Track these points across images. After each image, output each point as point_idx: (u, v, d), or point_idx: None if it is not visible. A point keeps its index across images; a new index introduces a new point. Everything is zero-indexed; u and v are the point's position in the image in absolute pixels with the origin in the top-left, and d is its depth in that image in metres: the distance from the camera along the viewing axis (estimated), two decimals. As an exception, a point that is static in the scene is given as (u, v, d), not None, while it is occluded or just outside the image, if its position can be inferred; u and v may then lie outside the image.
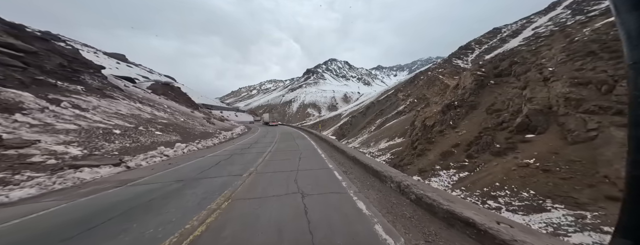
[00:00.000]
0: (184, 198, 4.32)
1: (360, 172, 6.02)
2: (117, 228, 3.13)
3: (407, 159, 17.93)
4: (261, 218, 3.26)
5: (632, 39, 0.64)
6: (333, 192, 4.44)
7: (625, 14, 0.64)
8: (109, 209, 3.87)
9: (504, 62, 17.24)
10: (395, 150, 26.10)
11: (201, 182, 5.47)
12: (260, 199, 4.08)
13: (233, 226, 3.03)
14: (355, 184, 4.94)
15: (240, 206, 3.77)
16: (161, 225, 3.12)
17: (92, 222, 3.36)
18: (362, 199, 3.97)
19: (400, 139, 31.67)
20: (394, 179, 4.38)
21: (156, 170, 7.05)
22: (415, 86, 51.04)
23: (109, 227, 3.18)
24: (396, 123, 38.06)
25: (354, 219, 3.14)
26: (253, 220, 3.20)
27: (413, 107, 37.34)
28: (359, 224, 3.01)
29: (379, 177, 5.03)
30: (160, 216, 3.46)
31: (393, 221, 3.07)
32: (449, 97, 19.75)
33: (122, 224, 3.24)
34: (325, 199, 4.03)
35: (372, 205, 3.67)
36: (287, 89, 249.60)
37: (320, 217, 3.19)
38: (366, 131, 52.88)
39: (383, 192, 4.28)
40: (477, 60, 42.16)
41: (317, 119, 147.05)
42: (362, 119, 66.08)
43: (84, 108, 13.73)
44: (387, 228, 2.86)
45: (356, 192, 4.33)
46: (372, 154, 30.97)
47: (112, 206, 4.03)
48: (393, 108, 48.88)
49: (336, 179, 5.46)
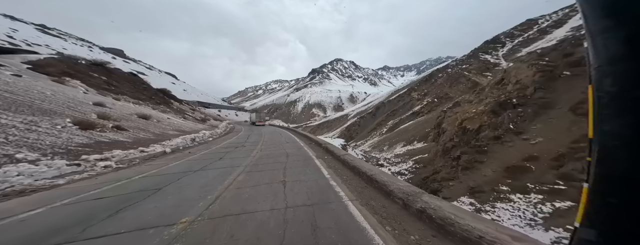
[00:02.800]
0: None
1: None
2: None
3: (445, 171, 14.00)
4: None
5: (596, 44, 0.70)
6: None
7: (591, 21, 0.71)
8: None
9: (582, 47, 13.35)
10: (418, 158, 22.13)
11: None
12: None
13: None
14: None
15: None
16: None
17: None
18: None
19: (421, 143, 27.67)
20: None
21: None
22: (432, 85, 46.80)
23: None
24: (413, 125, 34.04)
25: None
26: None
27: (433, 107, 33.27)
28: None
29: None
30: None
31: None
32: (495, 95, 15.75)
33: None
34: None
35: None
36: (292, 89, 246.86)
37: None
38: (376, 133, 48.89)
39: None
40: (513, 54, 37.77)
41: (322, 119, 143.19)
42: (371, 120, 62.07)
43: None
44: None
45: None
46: (388, 160, 27.02)
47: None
48: (407, 108, 44.81)
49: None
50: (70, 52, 57.73)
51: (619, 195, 0.67)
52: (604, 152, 0.72)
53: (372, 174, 4.26)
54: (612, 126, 0.69)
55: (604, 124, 0.71)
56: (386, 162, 26.59)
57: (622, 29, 0.63)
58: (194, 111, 41.77)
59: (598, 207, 0.73)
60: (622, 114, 0.67)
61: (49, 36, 73.37)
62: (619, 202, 0.67)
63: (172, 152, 8.60)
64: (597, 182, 0.73)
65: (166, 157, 7.91)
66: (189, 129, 19.30)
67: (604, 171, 0.72)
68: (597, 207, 0.73)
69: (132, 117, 14.97)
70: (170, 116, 24.23)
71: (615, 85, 0.67)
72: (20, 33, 57.61)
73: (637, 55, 0.62)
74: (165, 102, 31.43)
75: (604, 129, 0.71)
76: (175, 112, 28.86)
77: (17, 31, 58.80)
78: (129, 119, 13.89)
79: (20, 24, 71.25)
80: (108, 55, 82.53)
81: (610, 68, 0.68)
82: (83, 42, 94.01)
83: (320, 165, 6.08)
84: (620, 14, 0.64)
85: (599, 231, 0.71)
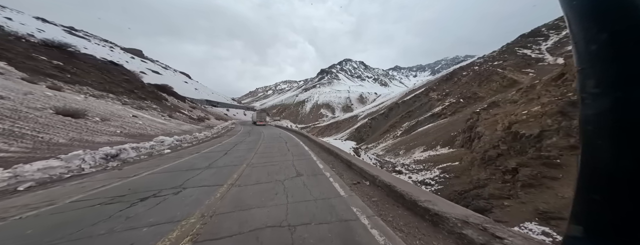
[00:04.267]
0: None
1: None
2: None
3: (493, 186, 11.15)
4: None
5: (579, 48, 0.73)
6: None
7: (575, 25, 0.74)
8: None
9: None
10: (447, 166, 19.23)
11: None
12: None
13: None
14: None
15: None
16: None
17: None
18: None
19: (446, 148, 24.65)
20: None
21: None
22: (454, 84, 43.19)
23: None
24: (434, 128, 30.96)
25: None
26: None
27: (458, 108, 30.10)
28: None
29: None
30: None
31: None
32: (556, 93, 12.75)
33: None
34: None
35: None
36: (300, 89, 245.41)
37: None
38: (390, 136, 45.92)
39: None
40: (561, 47, 33.80)
41: (330, 120, 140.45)
42: (383, 121, 58.97)
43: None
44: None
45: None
46: (407, 167, 24.18)
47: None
48: (425, 110, 41.56)
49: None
50: (90, 51, 58.04)
51: (602, 193, 0.69)
52: (589, 151, 0.74)
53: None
54: (595, 126, 0.71)
55: (588, 124, 0.73)
56: (404, 168, 23.77)
57: (603, 32, 0.66)
58: (194, 109, 39.98)
59: (583, 203, 0.76)
60: (604, 114, 0.68)
61: (74, 36, 75.54)
62: (601, 198, 0.70)
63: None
64: (583, 179, 0.75)
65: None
66: (160, 131, 14.46)
67: (588, 169, 0.74)
68: (582, 203, 0.76)
69: (44, 113, 9.75)
70: (147, 114, 19.53)
71: (598, 87, 0.69)
72: (46, 33, 58.97)
73: (618, 56, 0.65)
74: (157, 98, 27.92)
75: (587, 128, 0.73)
76: (165, 110, 25.50)
77: (43, 31, 60.57)
78: (26, 118, 8.66)
79: (50, 26, 74.26)
80: (127, 55, 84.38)
81: (593, 70, 0.70)
82: (106, 43, 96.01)
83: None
84: (602, 17, 0.67)
85: (584, 228, 0.73)
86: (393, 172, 22.40)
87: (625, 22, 0.63)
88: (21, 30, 43.65)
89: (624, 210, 0.65)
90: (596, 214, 0.71)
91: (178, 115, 26.16)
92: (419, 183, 18.52)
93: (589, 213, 0.73)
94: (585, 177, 0.75)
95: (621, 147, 0.65)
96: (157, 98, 27.82)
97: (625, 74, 0.64)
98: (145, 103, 24.02)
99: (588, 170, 0.74)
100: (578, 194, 0.76)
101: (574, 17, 0.74)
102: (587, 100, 0.72)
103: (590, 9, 0.70)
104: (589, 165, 0.74)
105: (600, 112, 0.69)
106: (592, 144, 0.72)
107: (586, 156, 0.74)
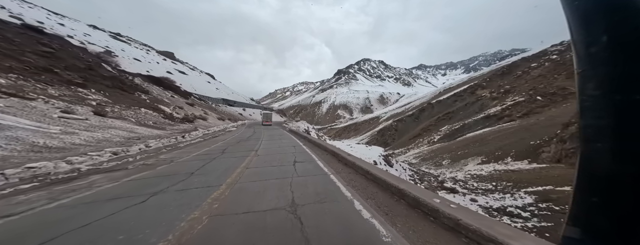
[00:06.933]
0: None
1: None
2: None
3: None
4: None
5: (579, 51, 0.73)
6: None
7: (575, 27, 0.74)
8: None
9: None
10: (544, 190, 12.62)
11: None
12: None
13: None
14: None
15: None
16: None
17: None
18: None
19: (525, 162, 17.78)
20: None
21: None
22: (518, 78, 35.21)
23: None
24: (494, 133, 24.01)
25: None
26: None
27: (533, 109, 23.02)
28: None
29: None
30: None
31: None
32: None
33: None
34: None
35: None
36: (317, 90, 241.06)
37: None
38: (424, 141, 38.98)
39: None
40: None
41: (348, 121, 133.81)
42: (413, 124, 51.84)
43: None
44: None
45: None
46: (463, 184, 17.72)
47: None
48: (474, 111, 34.32)
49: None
50: (127, 52, 60.85)
51: (601, 195, 0.68)
52: (588, 153, 0.73)
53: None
54: (595, 128, 0.71)
55: (588, 127, 0.72)
56: (458, 185, 17.23)
57: (604, 34, 0.66)
58: (192, 106, 35.90)
59: (582, 206, 0.74)
60: (603, 116, 0.68)
61: (117, 41, 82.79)
62: (601, 201, 0.68)
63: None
64: (582, 181, 0.74)
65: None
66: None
67: (588, 171, 0.73)
68: (581, 206, 0.74)
69: None
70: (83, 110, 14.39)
71: (598, 89, 0.69)
72: (92, 37, 64.43)
73: (617, 60, 0.65)
74: (123, 89, 23.07)
75: (587, 130, 0.73)
76: (119, 103, 19.10)
77: (89, 35, 65.61)
78: None
79: (99, 32, 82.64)
80: (160, 57, 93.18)
81: (593, 73, 0.70)
82: (143, 46, 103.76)
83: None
84: (603, 19, 0.67)
85: (582, 229, 0.73)
86: (442, 190, 16.29)
87: (626, 25, 0.62)
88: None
89: (623, 213, 0.64)
90: (594, 216, 0.70)
91: (143, 113, 20.10)
92: (493, 210, 12.16)
93: (587, 215, 0.72)
94: (584, 180, 0.74)
95: (621, 150, 0.64)
96: (123, 89, 22.92)
97: (625, 76, 0.63)
98: (81, 92, 17.11)
99: (587, 172, 0.73)
100: (576, 196, 0.75)
101: (575, 19, 0.74)
102: (587, 103, 0.72)
103: (591, 12, 0.69)
104: (588, 168, 0.73)
105: (600, 114, 0.68)
106: (592, 147, 0.72)
107: (585, 158, 0.73)
